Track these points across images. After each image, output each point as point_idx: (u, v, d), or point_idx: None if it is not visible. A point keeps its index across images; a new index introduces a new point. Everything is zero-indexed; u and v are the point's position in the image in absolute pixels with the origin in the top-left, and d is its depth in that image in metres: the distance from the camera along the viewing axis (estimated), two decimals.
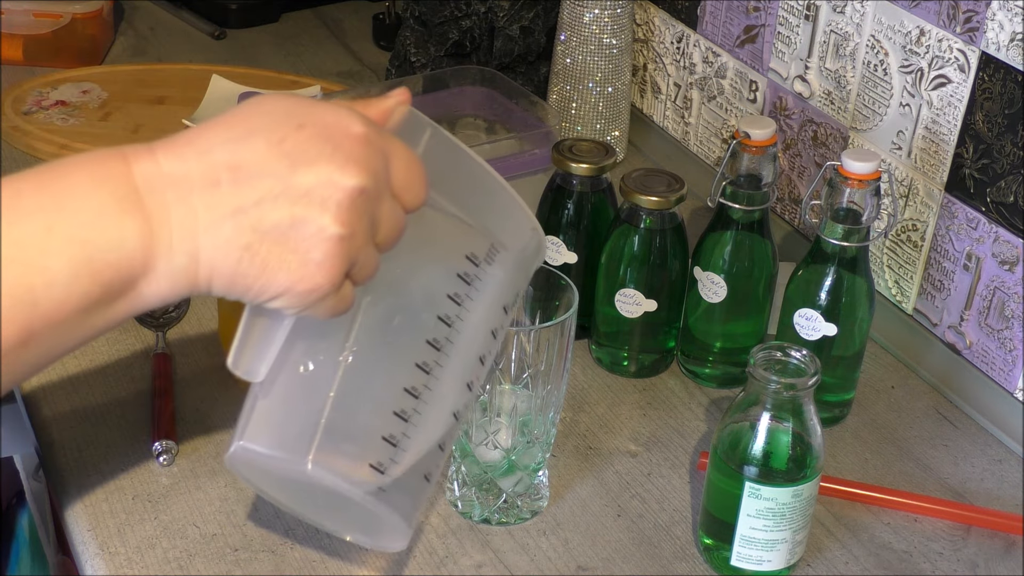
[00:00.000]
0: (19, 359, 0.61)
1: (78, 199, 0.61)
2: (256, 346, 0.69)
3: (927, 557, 0.88)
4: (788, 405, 0.80)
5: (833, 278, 0.94)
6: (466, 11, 1.37)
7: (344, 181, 0.63)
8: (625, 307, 1.01)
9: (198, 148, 0.63)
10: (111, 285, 0.62)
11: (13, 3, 1.46)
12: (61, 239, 0.60)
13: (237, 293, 0.64)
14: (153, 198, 0.62)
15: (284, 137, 0.63)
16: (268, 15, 1.63)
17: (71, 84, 1.41)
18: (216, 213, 0.62)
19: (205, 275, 0.63)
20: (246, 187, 0.62)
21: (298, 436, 0.70)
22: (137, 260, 0.62)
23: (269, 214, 0.62)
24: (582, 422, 0.98)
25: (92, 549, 0.84)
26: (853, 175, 0.90)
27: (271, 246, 0.63)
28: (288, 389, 0.71)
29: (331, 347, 0.71)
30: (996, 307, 0.99)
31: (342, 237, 0.63)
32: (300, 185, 0.63)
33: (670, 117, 1.35)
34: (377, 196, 0.65)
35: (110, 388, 0.98)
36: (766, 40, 1.18)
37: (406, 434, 0.71)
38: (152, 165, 0.63)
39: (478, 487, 0.87)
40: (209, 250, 0.62)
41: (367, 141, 0.65)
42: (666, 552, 0.87)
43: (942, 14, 0.98)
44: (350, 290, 0.67)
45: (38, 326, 0.61)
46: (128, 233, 0.61)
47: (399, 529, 0.73)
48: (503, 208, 0.76)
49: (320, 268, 0.63)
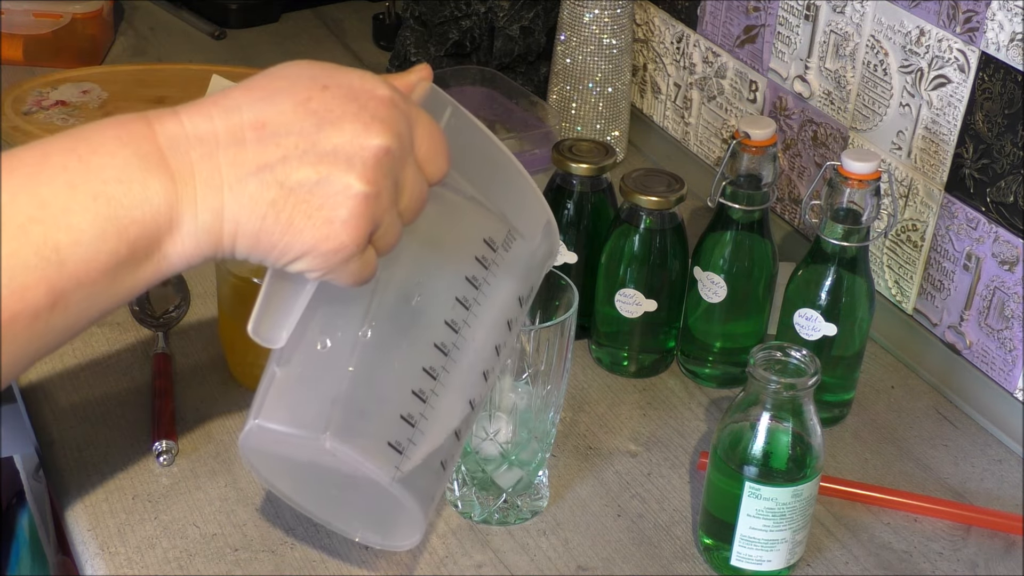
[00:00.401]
0: (48, 324, 0.61)
1: (102, 158, 0.61)
2: (277, 312, 0.68)
3: (927, 557, 0.88)
4: (788, 405, 0.80)
5: (833, 278, 0.94)
6: (466, 11, 1.37)
7: (370, 140, 0.63)
8: (625, 307, 1.01)
9: (223, 108, 0.63)
10: (137, 244, 0.61)
11: (13, 3, 1.46)
12: (85, 196, 0.60)
13: (261, 252, 0.64)
14: (177, 156, 0.62)
15: (310, 97, 0.63)
16: (268, 15, 1.63)
17: (71, 84, 1.41)
18: (241, 170, 0.62)
19: (230, 233, 0.63)
20: (271, 145, 0.62)
21: (316, 413, 0.69)
22: (162, 217, 0.61)
23: (295, 171, 0.62)
24: (582, 422, 0.98)
25: (92, 549, 0.84)
26: (853, 175, 0.90)
27: (296, 203, 0.62)
28: (305, 367, 0.70)
29: (349, 324, 0.70)
30: (996, 307, 0.99)
31: (368, 195, 0.63)
32: (326, 143, 0.62)
33: (670, 117, 1.35)
34: (402, 158, 0.65)
35: (110, 388, 0.98)
36: (766, 40, 1.18)
37: (424, 415, 0.71)
38: (176, 126, 0.63)
39: (478, 487, 0.87)
40: (234, 207, 0.62)
41: (392, 103, 0.65)
42: (666, 552, 0.87)
43: (942, 14, 0.98)
44: (374, 256, 0.66)
45: (66, 287, 0.60)
46: (153, 190, 0.61)
47: (414, 518, 0.72)
48: (521, 196, 0.75)
49: (345, 226, 0.63)
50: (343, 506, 0.77)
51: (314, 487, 0.76)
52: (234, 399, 0.97)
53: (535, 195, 0.76)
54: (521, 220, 0.75)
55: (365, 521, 0.78)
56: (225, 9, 1.60)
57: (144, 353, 1.01)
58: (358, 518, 0.78)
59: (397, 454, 0.70)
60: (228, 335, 0.98)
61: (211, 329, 1.04)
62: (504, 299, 0.75)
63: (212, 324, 1.04)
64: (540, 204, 0.77)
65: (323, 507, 0.77)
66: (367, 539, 0.79)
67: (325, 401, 0.69)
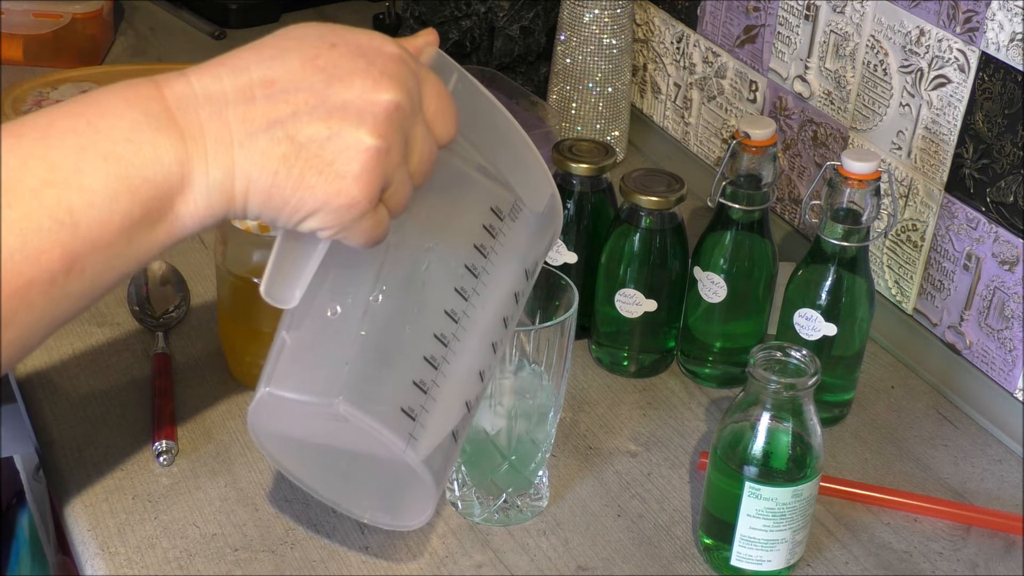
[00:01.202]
0: (65, 289, 0.60)
1: (110, 120, 0.61)
2: (289, 273, 0.67)
3: (927, 557, 0.88)
4: (788, 405, 0.80)
5: (833, 278, 0.94)
6: (466, 11, 1.37)
7: (379, 95, 0.63)
8: (625, 307, 1.01)
9: (231, 67, 0.63)
10: (150, 204, 0.61)
11: (13, 3, 1.46)
12: (95, 157, 0.60)
13: (273, 209, 0.63)
14: (186, 115, 0.62)
15: (318, 55, 0.63)
16: (268, 15, 1.63)
17: (71, 84, 1.41)
18: (251, 126, 0.62)
19: (242, 190, 0.63)
20: (281, 101, 0.62)
21: (328, 380, 0.68)
22: (173, 175, 0.61)
23: (305, 126, 0.62)
24: (582, 422, 0.98)
25: (92, 549, 0.84)
26: (853, 175, 0.90)
27: (308, 158, 0.62)
28: (316, 333, 0.69)
29: (360, 289, 0.69)
30: (996, 307, 0.99)
31: (379, 149, 0.63)
32: (336, 99, 0.62)
33: (670, 117, 1.35)
34: (412, 114, 0.65)
35: (110, 388, 0.98)
36: (766, 40, 1.18)
37: (436, 382, 0.70)
38: (184, 86, 0.63)
39: (478, 487, 0.87)
40: (245, 163, 0.62)
41: (401, 60, 0.65)
42: (666, 552, 0.87)
43: (942, 14, 0.98)
44: (385, 215, 0.66)
45: (81, 250, 0.60)
46: (163, 148, 0.61)
47: (425, 490, 0.71)
48: (526, 167, 0.75)
49: (357, 181, 0.63)
50: (352, 484, 0.76)
51: (323, 465, 0.75)
52: (234, 399, 0.97)
53: (540, 167, 0.76)
54: (526, 191, 0.75)
55: (374, 499, 0.77)
56: (225, 9, 1.60)
57: (144, 353, 1.01)
58: (367, 496, 0.77)
59: (411, 421, 0.69)
60: (228, 335, 0.98)
61: (211, 329, 1.04)
62: (511, 270, 0.74)
63: (212, 324, 1.04)
64: (545, 177, 0.76)
65: (331, 486, 0.76)
66: (376, 520, 0.77)
67: (337, 367, 0.68)
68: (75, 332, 1.03)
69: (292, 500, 0.88)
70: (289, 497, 0.88)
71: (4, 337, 0.60)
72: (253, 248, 0.91)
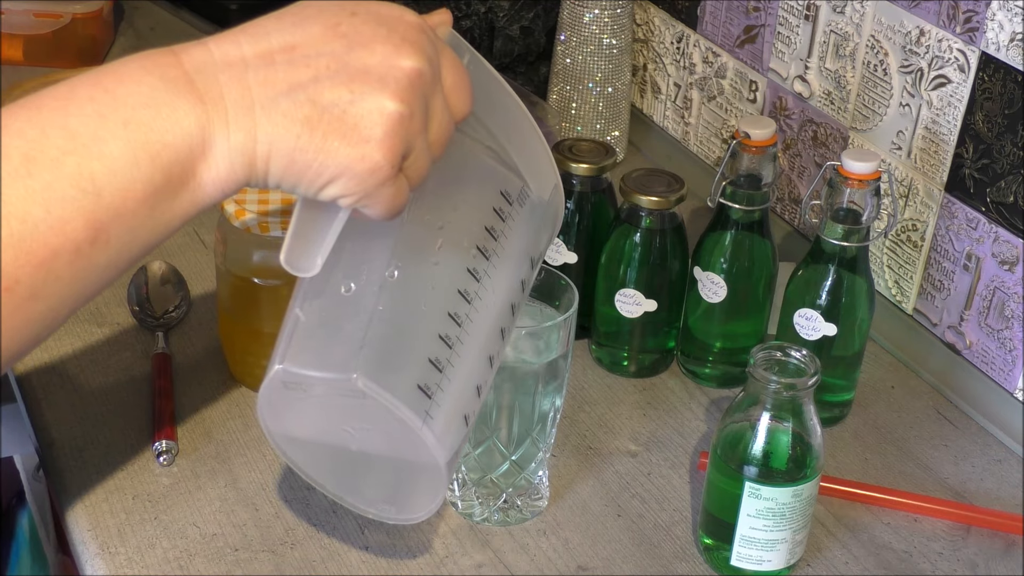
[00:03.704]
0: (91, 260, 0.60)
1: (128, 86, 0.61)
2: (311, 240, 0.66)
3: (927, 557, 0.88)
4: (788, 405, 0.80)
5: (833, 278, 0.94)
6: (466, 11, 1.37)
7: (401, 61, 0.63)
8: (625, 307, 1.01)
9: (251, 35, 0.63)
10: (172, 170, 0.61)
11: (13, 3, 1.46)
12: (115, 124, 0.60)
13: (295, 175, 0.63)
14: (205, 80, 0.61)
15: (339, 22, 0.63)
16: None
17: None
18: (272, 89, 0.62)
19: (263, 154, 0.62)
20: (302, 65, 0.62)
21: (343, 356, 0.67)
22: (194, 139, 0.61)
23: (328, 90, 0.62)
24: (582, 422, 0.98)
25: (92, 549, 0.84)
26: (853, 175, 0.90)
27: (331, 121, 0.62)
28: (330, 310, 0.68)
29: (374, 265, 0.69)
30: (996, 307, 0.99)
31: (402, 114, 0.62)
32: (358, 63, 0.62)
33: (670, 117, 1.35)
34: (432, 82, 0.65)
35: (110, 388, 0.98)
36: (766, 40, 1.18)
37: (450, 361, 0.69)
38: (203, 52, 0.63)
39: (478, 487, 0.87)
40: (267, 126, 0.62)
41: (421, 29, 0.65)
42: (666, 552, 0.87)
43: (942, 14, 0.98)
44: (405, 185, 0.65)
45: (105, 219, 0.60)
46: (182, 112, 0.61)
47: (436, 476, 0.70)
48: (534, 153, 0.75)
49: (381, 145, 0.62)
50: (359, 473, 0.75)
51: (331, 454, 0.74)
52: (234, 399, 0.97)
53: (547, 155, 0.76)
54: (533, 178, 0.75)
55: (381, 490, 0.76)
56: (225, 9, 1.60)
57: (144, 353, 1.01)
58: (374, 487, 0.76)
59: (427, 398, 0.68)
60: (228, 335, 0.98)
61: (211, 329, 1.04)
62: (519, 256, 0.74)
63: (212, 324, 1.04)
64: (551, 165, 0.76)
65: (338, 477, 0.75)
66: (382, 513, 0.76)
67: (353, 343, 0.67)
68: (75, 332, 1.03)
69: (292, 500, 0.88)
70: (289, 497, 0.88)
71: (33, 310, 0.59)
72: (253, 248, 0.91)
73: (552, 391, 0.84)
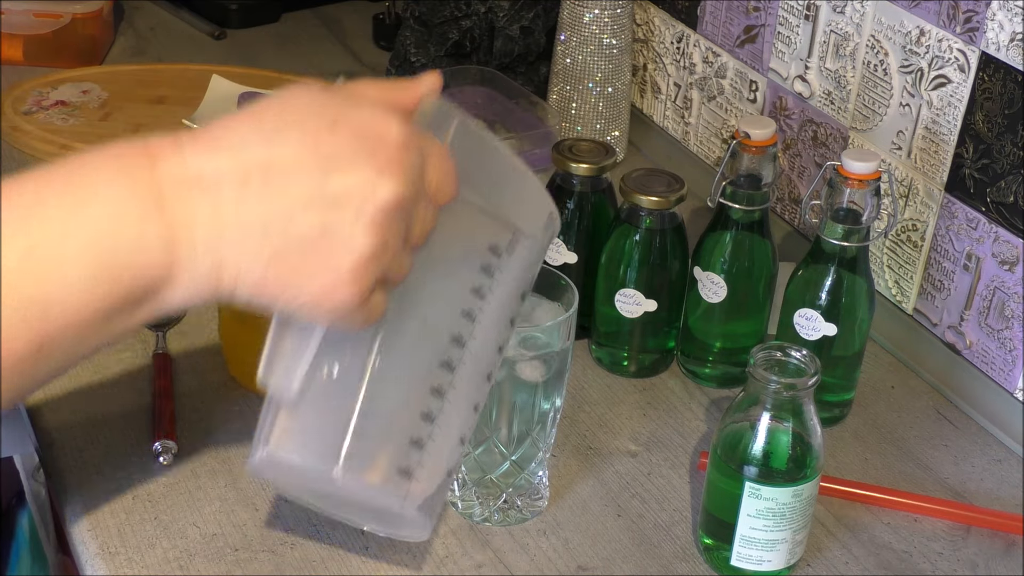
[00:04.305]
0: (36, 366, 0.60)
1: (98, 203, 0.60)
2: (286, 359, 0.67)
3: (927, 557, 0.88)
4: (788, 405, 0.80)
5: (833, 278, 0.94)
6: (466, 11, 1.37)
7: (380, 191, 0.61)
8: (625, 307, 1.01)
9: (229, 144, 0.61)
10: (132, 291, 0.60)
11: (13, 3, 1.46)
12: (78, 244, 0.59)
13: (264, 300, 0.63)
14: (177, 200, 0.60)
15: (319, 140, 0.61)
16: (268, 15, 1.63)
17: (71, 84, 1.41)
18: (244, 218, 0.60)
19: (230, 279, 0.61)
20: (277, 191, 0.60)
21: (326, 443, 0.68)
22: (161, 266, 0.60)
23: (300, 222, 0.60)
24: (582, 422, 0.98)
25: (92, 549, 0.84)
26: (853, 175, 0.90)
27: (300, 255, 0.61)
28: (314, 394, 0.68)
29: (358, 351, 0.69)
30: (996, 307, 0.99)
31: (374, 250, 0.62)
32: (333, 190, 0.61)
33: (670, 117, 1.35)
34: (414, 201, 0.63)
35: (110, 388, 0.98)
36: (766, 40, 1.18)
37: (432, 436, 0.70)
38: (178, 164, 0.61)
39: (478, 487, 0.87)
40: (235, 257, 0.61)
41: (405, 146, 0.63)
42: (666, 552, 0.87)
43: (942, 14, 0.98)
44: (381, 299, 0.65)
45: (55, 332, 0.59)
46: (149, 239, 0.60)
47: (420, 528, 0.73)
48: (523, 194, 0.74)
49: (350, 279, 0.62)
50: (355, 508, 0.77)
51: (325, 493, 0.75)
52: (234, 399, 0.97)
53: (539, 191, 0.75)
54: (525, 220, 0.75)
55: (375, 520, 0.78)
56: (225, 9, 1.60)
57: (144, 353, 1.01)
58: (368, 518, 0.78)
59: (407, 481, 0.70)
60: (228, 335, 0.98)
61: (211, 329, 1.04)
62: (507, 300, 0.74)
63: (212, 324, 1.04)
64: (543, 197, 0.76)
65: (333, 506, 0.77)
66: (376, 530, 0.79)
67: (336, 430, 0.68)
68: None
69: (292, 500, 0.88)
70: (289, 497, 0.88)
71: None
72: None
73: (552, 391, 0.84)
